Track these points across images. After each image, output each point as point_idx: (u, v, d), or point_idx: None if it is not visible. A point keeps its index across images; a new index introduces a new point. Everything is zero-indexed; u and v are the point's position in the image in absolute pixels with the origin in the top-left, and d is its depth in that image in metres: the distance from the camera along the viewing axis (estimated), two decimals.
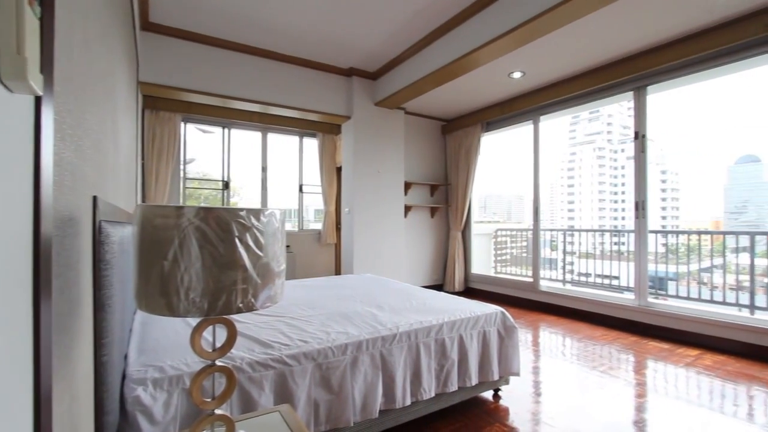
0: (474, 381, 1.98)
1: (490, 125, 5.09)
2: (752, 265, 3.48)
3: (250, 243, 0.73)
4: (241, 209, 0.72)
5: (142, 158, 3.87)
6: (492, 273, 5.80)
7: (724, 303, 3.65)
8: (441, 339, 1.89)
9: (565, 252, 5.40)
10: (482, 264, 5.80)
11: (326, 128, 5.19)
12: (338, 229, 5.35)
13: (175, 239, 0.68)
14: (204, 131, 4.69)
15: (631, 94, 3.64)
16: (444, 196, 5.73)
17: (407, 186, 5.16)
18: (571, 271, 5.41)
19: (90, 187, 0.94)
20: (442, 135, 5.73)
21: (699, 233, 4.49)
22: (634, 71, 3.44)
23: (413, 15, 3.15)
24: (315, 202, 5.61)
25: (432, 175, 5.63)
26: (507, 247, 6.27)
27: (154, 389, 1.21)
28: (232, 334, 0.85)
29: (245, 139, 4.93)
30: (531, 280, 4.64)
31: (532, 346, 3.20)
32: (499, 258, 6.17)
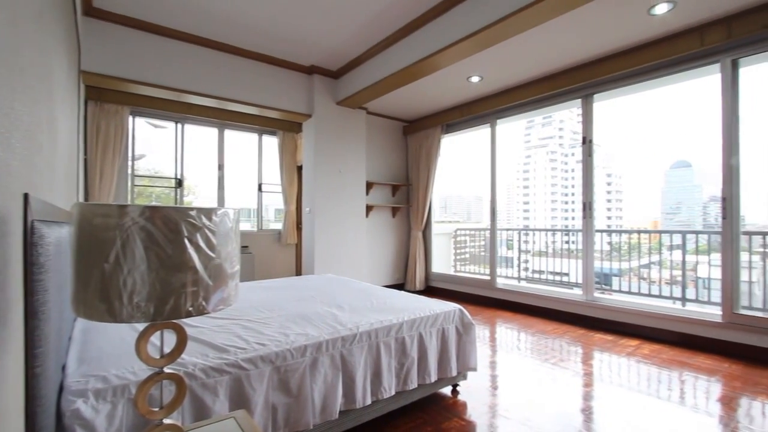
0: (433, 378, 2.02)
1: (450, 127, 5.21)
2: (683, 262, 3.82)
3: (201, 244, 0.70)
4: (192, 208, 0.69)
5: (85, 153, 3.60)
6: (452, 272, 5.94)
7: (660, 296, 3.97)
8: (401, 337, 1.91)
9: (520, 250, 5.64)
10: (442, 263, 5.92)
11: (287, 126, 5.09)
12: (299, 229, 5.27)
13: (117, 240, 0.64)
14: (155, 126, 4.45)
15: (579, 101, 3.86)
16: (405, 196, 5.80)
17: (369, 186, 5.17)
18: (526, 269, 5.66)
19: (21, 183, 0.86)
20: (403, 136, 5.80)
21: (639, 232, 4.86)
22: (581, 80, 3.65)
23: (375, 15, 3.16)
24: (275, 201, 5.48)
25: (393, 175, 5.67)
26: (466, 246, 6.44)
27: (96, 401, 1.13)
28: (182, 339, 0.82)
29: (200, 135, 4.72)
30: (488, 278, 4.80)
31: (489, 342, 3.31)
32: (458, 257, 6.32)
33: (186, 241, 0.68)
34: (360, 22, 3.28)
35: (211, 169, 4.81)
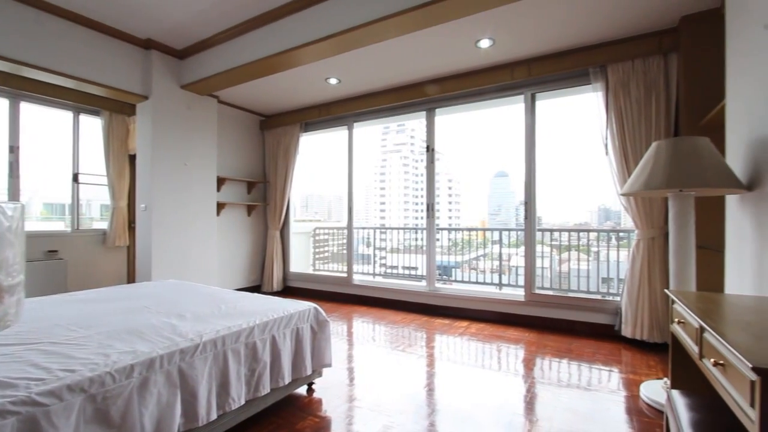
0: (287, 380, 1.98)
1: (309, 126, 5.19)
2: (500, 254, 4.66)
3: None
4: None
5: None
6: (311, 270, 5.93)
7: (485, 283, 4.76)
8: (252, 342, 1.81)
9: (376, 247, 5.99)
10: (302, 262, 5.86)
11: (115, 106, 4.29)
12: (132, 228, 4.49)
13: None
14: None
15: (424, 113, 4.33)
16: (262, 193, 5.53)
17: (221, 181, 4.75)
18: (383, 265, 6.05)
19: None
20: (260, 130, 5.51)
21: (469, 230, 5.74)
22: (426, 95, 4.09)
23: None
24: (100, 196, 4.56)
25: (249, 171, 5.34)
26: (327, 244, 6.53)
27: None
28: None
29: None
30: (346, 275, 4.96)
31: (347, 336, 3.43)
32: (319, 256, 6.36)
33: None
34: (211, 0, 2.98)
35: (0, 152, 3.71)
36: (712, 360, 0.99)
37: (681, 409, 1.18)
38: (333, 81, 4.12)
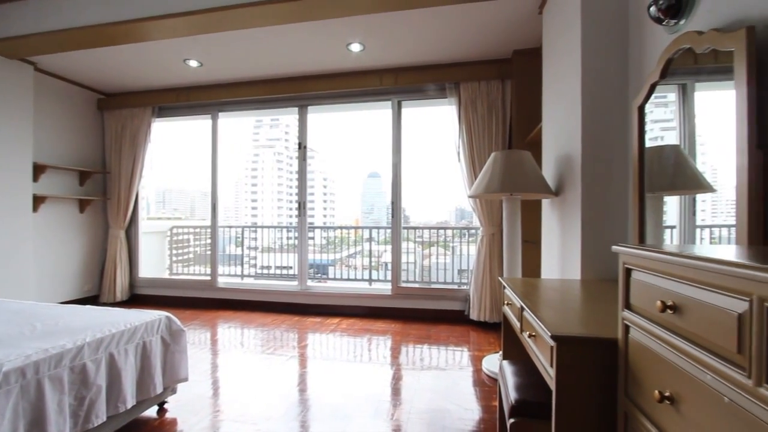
0: (130, 403, 1.70)
1: (164, 111, 4.57)
2: (371, 251, 4.88)
3: None
4: None
5: None
6: (167, 275, 5.24)
7: (356, 279, 4.93)
8: (80, 365, 1.50)
9: (245, 247, 5.63)
10: (155, 266, 5.14)
11: None
12: None
13: None
14: None
15: (296, 109, 4.25)
16: (101, 186, 4.64)
17: (40, 169, 3.80)
18: (254, 265, 5.72)
19: None
20: (98, 110, 4.62)
21: (342, 228, 5.86)
22: (298, 91, 4.02)
23: None
24: None
25: (82, 158, 4.42)
26: (189, 245, 5.86)
27: None
28: None
29: None
30: (210, 278, 4.54)
31: (210, 345, 3.14)
32: (180, 258, 5.67)
33: None
34: None
35: None
36: (527, 333, 1.21)
37: (508, 375, 1.43)
38: (193, 63, 3.70)
